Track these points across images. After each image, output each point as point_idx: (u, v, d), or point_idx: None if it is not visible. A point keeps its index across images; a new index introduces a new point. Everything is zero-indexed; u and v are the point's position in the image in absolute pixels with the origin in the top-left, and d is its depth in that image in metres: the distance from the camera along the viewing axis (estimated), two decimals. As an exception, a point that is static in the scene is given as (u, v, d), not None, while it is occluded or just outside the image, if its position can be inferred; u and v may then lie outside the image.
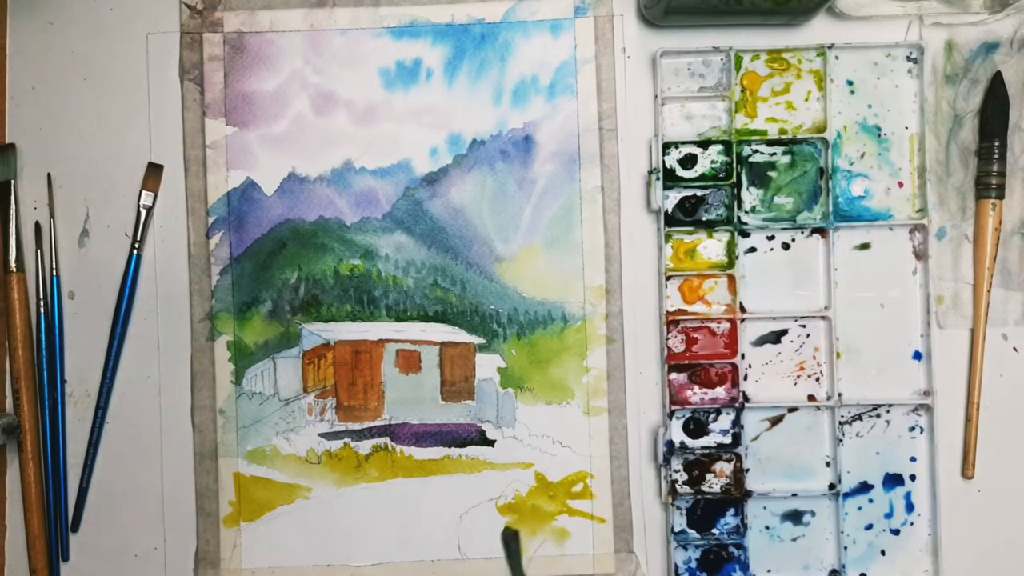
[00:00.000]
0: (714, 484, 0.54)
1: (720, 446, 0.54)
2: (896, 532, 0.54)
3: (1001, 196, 0.54)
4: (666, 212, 0.55)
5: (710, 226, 0.55)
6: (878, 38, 0.55)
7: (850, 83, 0.55)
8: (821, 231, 0.55)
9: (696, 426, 0.55)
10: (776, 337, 0.55)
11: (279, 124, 0.56)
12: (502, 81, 0.56)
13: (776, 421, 0.55)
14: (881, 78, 0.55)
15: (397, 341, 0.55)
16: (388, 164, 0.56)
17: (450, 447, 0.55)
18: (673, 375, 0.55)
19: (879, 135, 0.55)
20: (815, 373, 0.55)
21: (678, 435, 0.55)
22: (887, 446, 0.55)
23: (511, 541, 0.53)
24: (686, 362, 0.55)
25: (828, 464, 0.55)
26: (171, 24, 0.56)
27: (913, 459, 0.55)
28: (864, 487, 0.54)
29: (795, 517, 0.55)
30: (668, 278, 0.55)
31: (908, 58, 0.55)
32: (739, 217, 0.55)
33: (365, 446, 0.55)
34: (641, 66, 0.56)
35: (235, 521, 0.55)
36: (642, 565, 0.55)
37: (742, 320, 0.55)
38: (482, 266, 0.55)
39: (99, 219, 0.55)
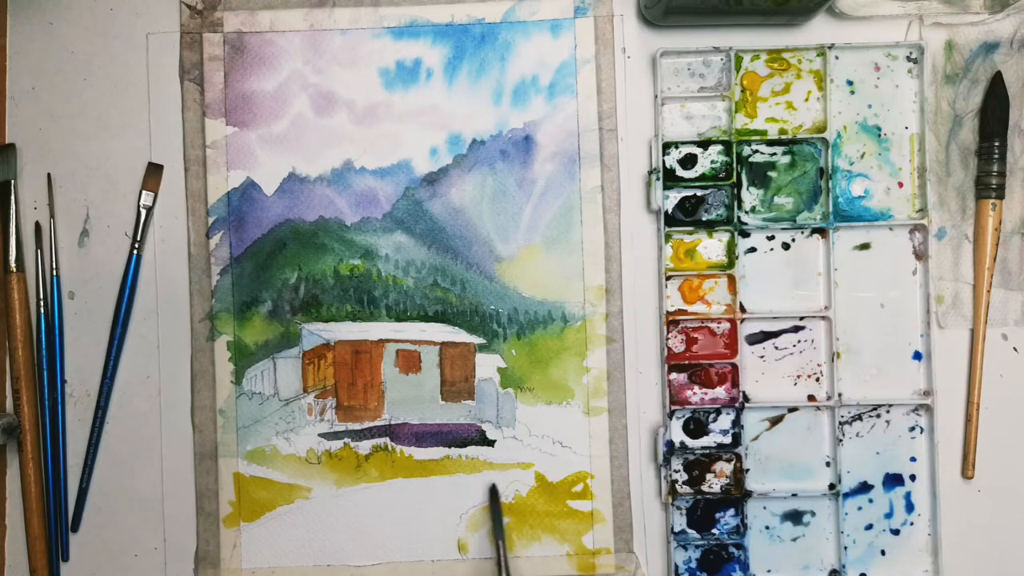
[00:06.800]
0: (714, 484, 0.54)
1: (720, 446, 0.54)
2: (896, 532, 0.54)
3: (1001, 196, 0.54)
4: (666, 212, 0.55)
5: (710, 226, 0.55)
6: (878, 38, 0.55)
7: (850, 83, 0.55)
8: (821, 231, 0.55)
9: (696, 426, 0.55)
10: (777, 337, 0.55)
11: (279, 124, 0.56)
12: (502, 81, 0.56)
13: (776, 421, 0.55)
14: (881, 78, 0.55)
15: (397, 341, 0.55)
16: (388, 164, 0.56)
17: (450, 447, 0.55)
18: (673, 375, 0.55)
19: (879, 135, 0.55)
20: (815, 373, 0.55)
21: (678, 435, 0.55)
22: (887, 446, 0.55)
23: (494, 495, 0.54)
24: (686, 362, 0.55)
25: (828, 464, 0.55)
26: (171, 24, 0.56)
27: (913, 459, 0.55)
28: (864, 487, 0.54)
29: (795, 517, 0.55)
30: (668, 278, 0.55)
31: (908, 58, 0.55)
32: (739, 217, 0.55)
33: (365, 446, 0.55)
34: (641, 66, 0.56)
35: (235, 521, 0.55)
36: (642, 565, 0.55)
37: (742, 320, 0.55)
38: (482, 266, 0.55)
39: (99, 219, 0.55)
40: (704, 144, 0.55)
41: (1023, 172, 0.55)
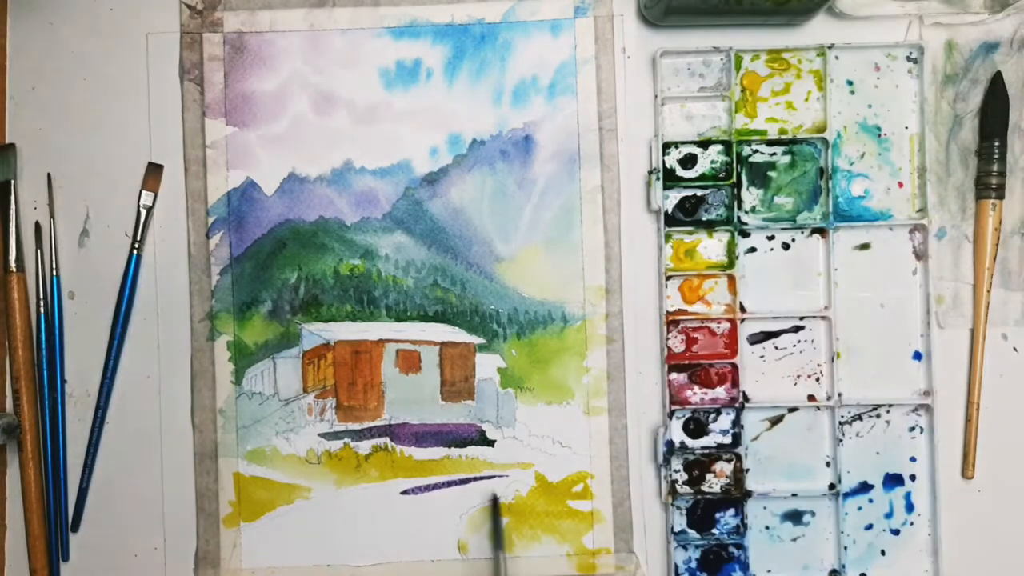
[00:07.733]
0: (714, 484, 0.54)
1: (720, 446, 0.54)
2: (896, 532, 0.54)
3: (1001, 196, 0.54)
4: (666, 212, 0.55)
5: (710, 226, 0.55)
6: (878, 38, 0.55)
7: (850, 83, 0.55)
8: (821, 231, 0.55)
9: (696, 426, 0.55)
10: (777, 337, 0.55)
11: (279, 124, 0.56)
12: (502, 81, 0.56)
13: (776, 421, 0.55)
14: (881, 78, 0.55)
15: (397, 341, 0.55)
16: (388, 164, 0.56)
17: (450, 447, 0.55)
18: (673, 375, 0.55)
19: (879, 135, 0.55)
20: (815, 373, 0.55)
21: (678, 435, 0.55)
22: (887, 446, 0.55)
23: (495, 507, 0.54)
24: (686, 362, 0.55)
25: (828, 464, 0.55)
26: (171, 24, 0.56)
27: (913, 459, 0.55)
28: (864, 487, 0.54)
29: (795, 517, 0.55)
30: (668, 278, 0.55)
31: (908, 58, 0.55)
32: (739, 217, 0.55)
33: (365, 446, 0.55)
34: (641, 66, 0.56)
35: (235, 521, 0.55)
36: (642, 565, 0.55)
37: (742, 320, 0.55)
38: (482, 266, 0.55)
39: (99, 219, 0.55)
40: (704, 144, 0.55)
41: (1023, 172, 0.55)
